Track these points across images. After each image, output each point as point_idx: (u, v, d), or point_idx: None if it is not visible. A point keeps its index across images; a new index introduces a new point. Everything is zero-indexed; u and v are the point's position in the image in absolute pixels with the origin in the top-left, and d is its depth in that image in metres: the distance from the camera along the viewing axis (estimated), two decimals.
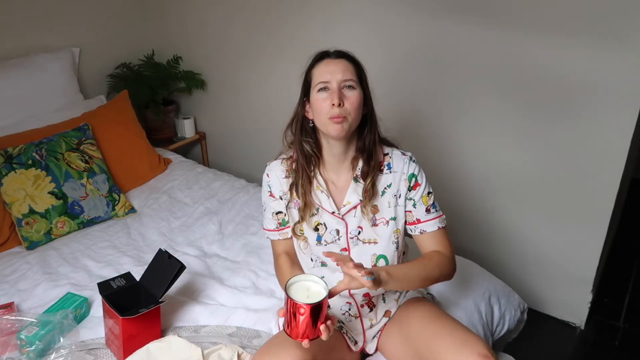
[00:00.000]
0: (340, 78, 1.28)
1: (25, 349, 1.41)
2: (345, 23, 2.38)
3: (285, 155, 1.44)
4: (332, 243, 1.39)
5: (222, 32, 2.81)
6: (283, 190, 1.41)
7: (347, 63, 1.31)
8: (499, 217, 2.32)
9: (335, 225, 1.38)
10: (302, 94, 1.39)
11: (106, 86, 2.88)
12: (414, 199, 1.38)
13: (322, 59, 1.33)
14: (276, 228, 1.45)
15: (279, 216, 1.43)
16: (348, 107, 1.28)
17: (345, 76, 1.29)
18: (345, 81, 1.29)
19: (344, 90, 1.29)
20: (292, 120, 1.41)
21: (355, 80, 1.30)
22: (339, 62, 1.31)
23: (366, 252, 1.39)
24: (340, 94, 1.28)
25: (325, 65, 1.31)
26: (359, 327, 1.43)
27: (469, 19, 2.08)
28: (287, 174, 1.41)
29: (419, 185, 1.39)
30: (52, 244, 2.02)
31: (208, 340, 1.49)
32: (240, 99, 2.91)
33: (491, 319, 1.70)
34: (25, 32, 2.52)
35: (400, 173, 1.38)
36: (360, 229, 1.38)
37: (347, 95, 1.29)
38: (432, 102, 2.28)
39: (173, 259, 1.52)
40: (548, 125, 2.07)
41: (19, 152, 2.08)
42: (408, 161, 1.39)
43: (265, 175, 1.44)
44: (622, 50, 1.84)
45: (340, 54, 1.34)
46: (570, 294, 2.27)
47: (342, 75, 1.29)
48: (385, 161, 1.39)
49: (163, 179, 2.50)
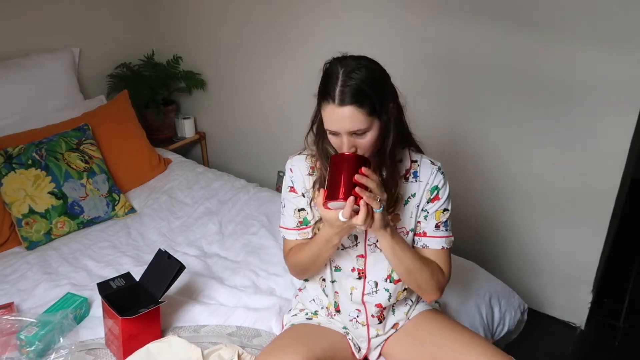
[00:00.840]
0: (348, 129, 1.16)
1: (25, 349, 1.41)
2: (346, 23, 2.38)
3: (309, 152, 1.35)
4: (349, 247, 1.35)
5: (222, 32, 2.81)
6: (306, 187, 1.34)
7: (353, 110, 1.14)
8: (499, 217, 2.32)
9: (353, 231, 1.31)
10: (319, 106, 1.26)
11: (106, 86, 2.88)
12: (427, 211, 1.32)
13: (327, 101, 1.16)
14: (297, 227, 1.37)
15: (301, 214, 1.36)
16: (362, 148, 1.19)
17: (353, 127, 1.15)
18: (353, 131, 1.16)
19: (354, 137, 1.18)
20: (312, 126, 1.31)
21: (366, 125, 1.16)
22: (345, 110, 1.14)
23: (383, 260, 1.33)
24: (351, 141, 1.18)
25: (331, 113, 1.16)
26: (364, 335, 1.41)
27: (468, 19, 2.08)
28: (311, 171, 1.34)
29: (438, 199, 1.32)
30: (52, 244, 2.02)
31: (208, 340, 1.49)
32: (240, 99, 2.91)
33: (492, 320, 1.70)
34: (25, 32, 2.52)
35: (425, 183, 1.31)
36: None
37: (359, 140, 1.18)
38: (432, 102, 2.28)
39: (173, 259, 1.51)
40: (548, 126, 2.07)
41: (19, 152, 2.08)
42: (436, 172, 1.31)
43: (288, 169, 1.35)
44: (622, 50, 1.84)
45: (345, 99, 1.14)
46: (570, 294, 2.27)
47: (349, 127, 1.15)
48: (412, 169, 1.32)
49: (163, 179, 2.50)
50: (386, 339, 1.43)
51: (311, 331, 1.39)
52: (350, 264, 1.36)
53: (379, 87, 1.18)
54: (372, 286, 1.37)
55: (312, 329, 1.40)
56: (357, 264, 1.36)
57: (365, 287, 1.37)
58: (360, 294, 1.37)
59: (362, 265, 1.36)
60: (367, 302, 1.38)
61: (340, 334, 1.42)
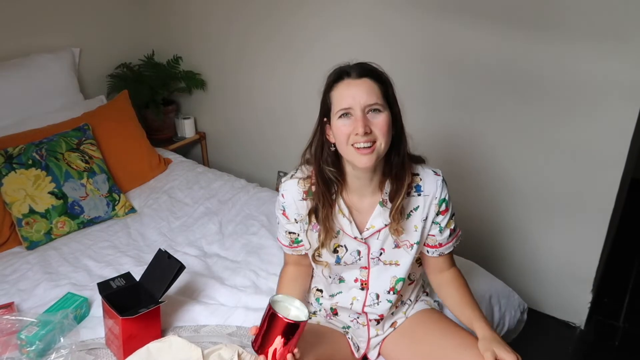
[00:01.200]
0: (364, 102, 1.13)
1: (26, 349, 1.41)
2: (347, 23, 2.38)
3: (301, 175, 1.31)
4: (352, 264, 1.33)
5: (222, 32, 2.81)
6: (300, 214, 1.31)
7: (370, 82, 1.15)
8: (499, 217, 2.32)
9: (356, 247, 1.31)
10: (321, 115, 1.23)
11: (106, 86, 2.88)
12: (440, 224, 1.32)
13: (342, 79, 1.17)
14: (289, 245, 1.39)
15: (292, 236, 1.37)
16: (376, 133, 1.15)
17: (370, 100, 1.13)
18: (370, 105, 1.14)
19: (369, 115, 1.15)
20: (311, 143, 1.26)
21: (382, 102, 1.15)
22: (362, 82, 1.14)
23: (386, 272, 1.34)
24: (366, 120, 1.14)
25: (346, 87, 1.15)
26: (364, 335, 1.42)
27: (468, 20, 2.08)
28: (304, 196, 1.29)
29: (448, 210, 1.32)
30: (52, 244, 2.02)
31: (208, 340, 1.49)
32: (240, 99, 2.91)
33: (491, 319, 1.70)
34: (25, 32, 2.52)
35: (432, 197, 1.29)
36: (382, 251, 1.32)
37: (374, 120, 1.15)
38: (431, 101, 2.28)
39: (173, 259, 1.52)
40: (548, 125, 2.07)
41: (19, 152, 2.08)
42: (441, 184, 1.29)
43: (280, 195, 1.32)
44: (622, 50, 1.84)
45: (362, 72, 1.16)
46: (570, 294, 2.27)
47: (366, 99, 1.13)
48: (414, 182, 1.29)
49: (163, 179, 2.50)
50: (384, 338, 1.43)
51: (310, 330, 1.39)
52: (353, 275, 1.36)
53: (389, 84, 1.20)
54: (374, 298, 1.36)
55: (311, 328, 1.40)
56: (360, 274, 1.35)
57: (367, 298, 1.36)
58: (362, 304, 1.37)
59: (366, 276, 1.35)
60: (367, 312, 1.38)
61: (339, 333, 1.42)
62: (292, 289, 1.40)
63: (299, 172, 1.32)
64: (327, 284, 1.40)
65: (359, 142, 1.15)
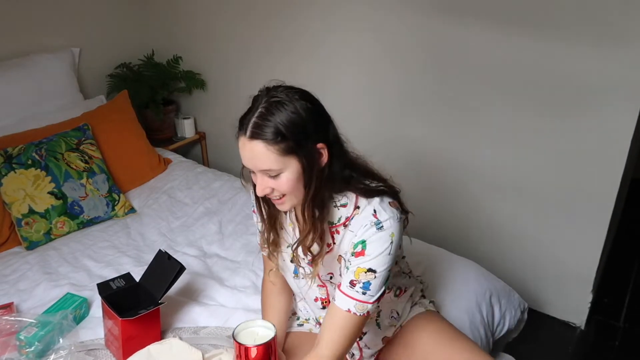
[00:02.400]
0: (258, 167, 1.08)
1: (25, 349, 1.40)
2: (348, 25, 2.38)
3: None
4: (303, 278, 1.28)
5: (222, 32, 2.80)
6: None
7: (263, 146, 1.04)
8: (499, 217, 2.32)
9: (306, 267, 1.25)
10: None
11: (106, 86, 2.88)
12: (350, 263, 1.13)
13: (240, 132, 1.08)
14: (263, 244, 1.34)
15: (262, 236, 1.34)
16: (280, 190, 1.10)
17: (263, 166, 1.07)
18: (264, 171, 1.08)
19: (268, 177, 1.09)
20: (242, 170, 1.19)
21: (277, 166, 1.06)
22: (254, 146, 1.05)
23: None
24: (264, 182, 1.09)
25: (242, 146, 1.08)
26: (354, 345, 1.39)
27: (467, 20, 2.07)
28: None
29: (363, 255, 1.11)
30: (51, 244, 2.02)
31: (207, 342, 1.49)
32: (241, 99, 2.86)
33: (492, 319, 1.70)
34: (25, 32, 2.52)
35: (354, 235, 1.14)
36: (331, 275, 1.25)
37: (274, 181, 1.09)
38: (430, 101, 2.28)
39: (173, 260, 1.51)
40: (548, 126, 2.06)
41: (18, 152, 2.08)
42: (369, 226, 1.11)
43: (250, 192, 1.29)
44: (622, 50, 1.83)
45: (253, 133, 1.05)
46: (570, 294, 2.27)
47: (259, 164, 1.07)
48: (353, 216, 1.16)
49: (163, 179, 2.49)
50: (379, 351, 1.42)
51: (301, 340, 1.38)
52: (313, 293, 1.31)
53: (300, 128, 1.06)
54: None
55: (303, 337, 1.39)
56: (319, 292, 1.31)
57: None
58: None
59: (325, 294, 1.30)
60: None
61: None
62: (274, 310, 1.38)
63: None
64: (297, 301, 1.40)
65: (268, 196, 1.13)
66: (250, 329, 1.20)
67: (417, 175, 2.39)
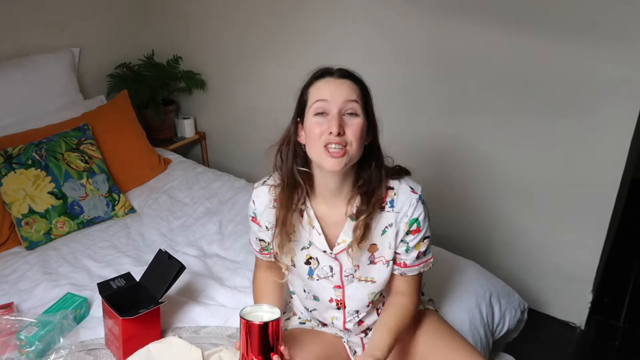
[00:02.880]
0: (342, 101, 1.11)
1: (25, 349, 1.40)
2: (347, 23, 2.38)
3: (273, 182, 1.28)
4: (324, 279, 1.28)
5: (222, 32, 2.81)
6: (270, 221, 1.28)
7: (352, 84, 1.13)
8: (499, 217, 2.32)
9: (328, 262, 1.26)
10: (296, 114, 1.22)
11: (106, 86, 2.88)
12: (408, 243, 1.24)
13: (323, 77, 1.15)
14: (259, 251, 1.38)
15: (262, 243, 1.35)
16: (349, 137, 1.11)
17: (350, 96, 1.12)
18: (348, 102, 1.11)
19: (345, 117, 1.11)
20: (282, 142, 1.23)
21: (360, 105, 1.13)
22: (343, 82, 1.13)
23: (363, 290, 1.29)
24: (341, 120, 1.10)
25: (326, 84, 1.13)
26: (358, 341, 1.40)
27: (467, 19, 2.08)
28: (274, 204, 1.26)
29: (419, 231, 1.23)
30: (52, 244, 2.02)
31: (208, 341, 1.49)
32: (240, 99, 2.91)
33: (492, 319, 1.70)
34: (25, 32, 2.51)
35: (403, 214, 1.22)
36: (356, 268, 1.26)
37: (349, 122, 1.11)
38: (430, 101, 2.28)
39: (173, 260, 1.51)
40: (548, 125, 2.07)
41: (18, 152, 2.08)
42: (415, 203, 1.21)
43: (251, 202, 1.30)
44: (622, 50, 1.84)
45: (344, 73, 1.15)
46: (570, 294, 2.27)
47: (344, 98, 1.11)
48: (387, 197, 1.22)
49: (163, 179, 2.49)
50: None
51: (304, 336, 1.38)
52: (327, 294, 1.31)
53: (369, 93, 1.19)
54: (353, 314, 1.33)
55: (305, 334, 1.39)
56: (334, 294, 1.30)
57: (346, 316, 1.33)
58: (342, 322, 1.35)
59: (340, 296, 1.30)
60: (349, 328, 1.35)
61: (335, 337, 1.40)
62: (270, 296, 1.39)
63: (271, 179, 1.29)
64: (303, 298, 1.37)
65: (331, 143, 1.11)
66: (256, 312, 1.19)
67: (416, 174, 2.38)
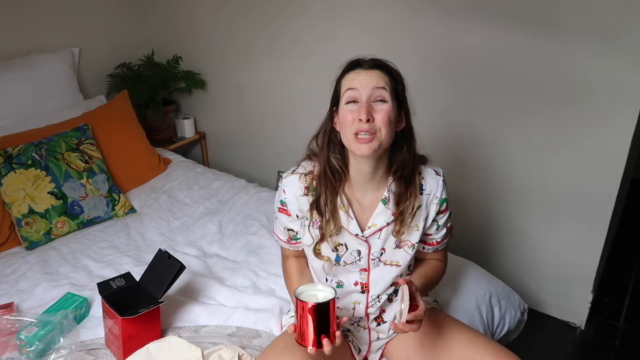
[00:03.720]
0: (370, 90, 1.17)
1: (25, 349, 1.41)
2: (350, 25, 2.38)
3: (303, 170, 1.31)
4: (351, 264, 1.32)
5: (222, 32, 2.81)
6: (302, 210, 1.31)
7: (380, 74, 1.20)
8: (499, 217, 2.32)
9: (356, 247, 1.30)
10: (332, 103, 1.27)
11: (106, 86, 2.88)
12: (439, 223, 1.35)
13: (354, 69, 1.22)
14: (287, 241, 1.39)
15: (290, 232, 1.37)
16: (378, 123, 1.16)
17: (378, 84, 1.18)
18: (375, 89, 1.17)
19: (374, 104, 1.18)
20: (319, 131, 1.29)
21: (388, 92, 1.19)
22: (371, 72, 1.20)
23: (387, 273, 1.33)
24: (369, 106, 1.17)
25: (356, 74, 1.20)
26: (365, 338, 1.41)
27: (470, 21, 2.08)
28: (305, 192, 1.29)
29: (447, 210, 1.35)
30: (51, 244, 2.02)
31: (208, 340, 1.49)
32: (240, 99, 2.91)
33: (492, 320, 1.70)
34: (25, 32, 2.52)
35: (433, 196, 1.31)
36: (383, 251, 1.31)
37: (377, 109, 1.17)
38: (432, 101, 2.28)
39: (173, 259, 1.52)
40: (547, 125, 2.07)
41: (18, 152, 2.08)
42: (442, 184, 1.31)
43: (281, 191, 1.32)
44: (622, 50, 1.84)
45: (374, 64, 1.22)
46: (570, 294, 2.27)
47: (372, 87, 1.17)
48: (417, 181, 1.30)
49: (163, 179, 2.50)
50: (387, 342, 1.42)
51: None
52: (353, 278, 1.34)
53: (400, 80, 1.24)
54: (374, 298, 1.36)
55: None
56: (360, 277, 1.33)
57: (369, 301, 1.36)
58: (364, 307, 1.36)
59: (366, 279, 1.33)
60: (370, 313, 1.37)
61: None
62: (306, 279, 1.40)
63: (300, 167, 1.32)
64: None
65: (361, 130, 1.16)
66: (311, 292, 1.18)
67: None
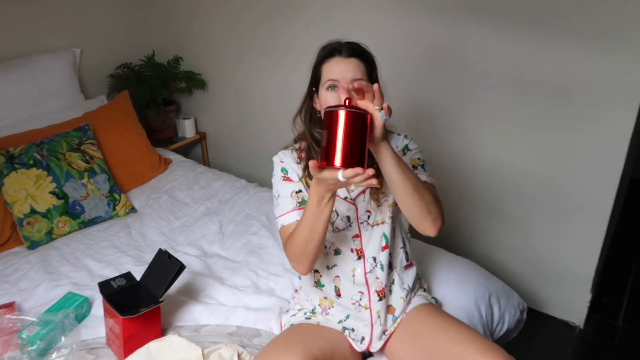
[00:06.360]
0: (350, 79, 1.27)
1: (27, 348, 1.42)
2: (348, 27, 2.38)
3: (295, 146, 1.46)
4: (343, 230, 1.40)
5: (223, 32, 2.81)
6: (299, 175, 1.41)
7: (358, 62, 1.30)
8: (498, 216, 2.33)
9: (345, 212, 1.40)
10: (311, 85, 1.39)
11: (107, 86, 2.89)
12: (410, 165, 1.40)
13: (333, 56, 1.32)
14: (296, 207, 1.37)
15: (299, 195, 1.39)
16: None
17: (356, 75, 1.28)
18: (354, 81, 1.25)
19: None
20: (300, 109, 1.44)
21: (365, 79, 1.29)
22: (350, 61, 1.30)
23: (376, 233, 1.41)
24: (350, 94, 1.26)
25: (336, 63, 1.31)
26: (367, 318, 1.42)
27: (466, 22, 2.08)
28: (298, 161, 1.42)
29: (410, 151, 1.42)
30: (53, 244, 2.02)
31: (208, 339, 1.49)
32: (240, 99, 2.92)
33: (491, 319, 1.71)
34: (26, 32, 2.52)
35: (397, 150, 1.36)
36: (369, 213, 1.40)
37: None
38: (430, 101, 2.28)
39: (173, 259, 1.52)
40: (548, 125, 2.07)
41: (20, 152, 2.08)
42: (402, 138, 1.44)
43: (278, 160, 1.43)
44: (622, 50, 1.84)
45: (351, 52, 1.31)
46: (569, 294, 2.28)
47: (352, 75, 1.28)
48: None
49: (163, 179, 2.50)
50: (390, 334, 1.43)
51: (310, 331, 1.40)
52: (348, 245, 1.41)
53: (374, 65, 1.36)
54: (372, 262, 1.41)
55: (311, 329, 1.41)
56: (354, 244, 1.41)
57: (366, 265, 1.41)
58: (363, 273, 1.41)
59: (359, 244, 1.41)
60: (369, 280, 1.41)
61: (338, 332, 1.42)
62: None
63: (291, 146, 1.47)
64: (323, 256, 1.42)
65: None
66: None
67: None
